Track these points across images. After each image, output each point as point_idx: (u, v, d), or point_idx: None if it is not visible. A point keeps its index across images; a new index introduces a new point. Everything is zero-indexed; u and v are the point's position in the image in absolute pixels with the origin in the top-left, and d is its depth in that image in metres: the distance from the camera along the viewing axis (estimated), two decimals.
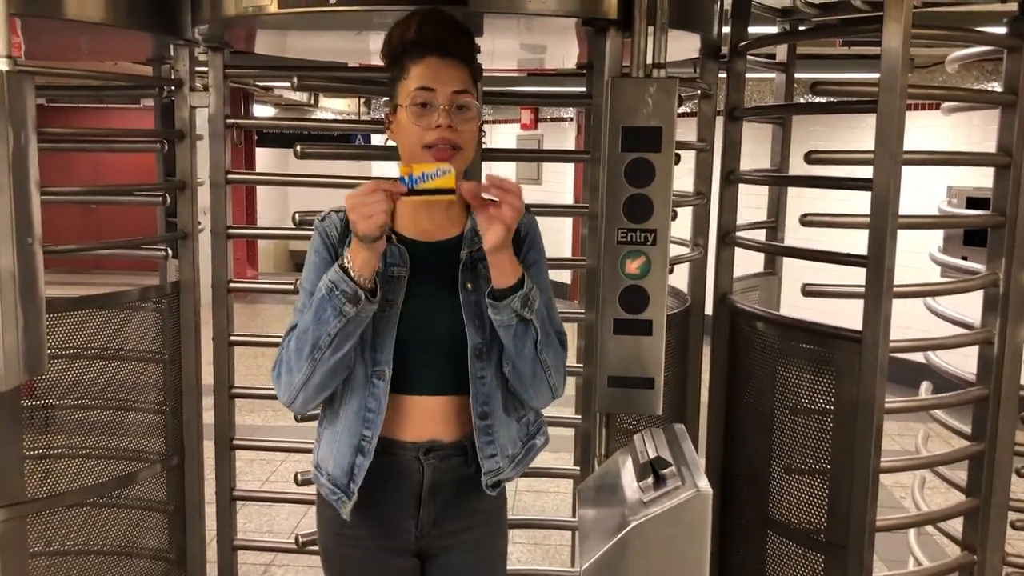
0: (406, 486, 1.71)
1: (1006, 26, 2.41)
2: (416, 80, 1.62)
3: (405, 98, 1.63)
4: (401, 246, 1.68)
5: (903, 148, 2.13)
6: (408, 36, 1.66)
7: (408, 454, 1.70)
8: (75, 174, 9.88)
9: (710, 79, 2.71)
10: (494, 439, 1.71)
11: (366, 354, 1.67)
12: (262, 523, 4.41)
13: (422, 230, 1.72)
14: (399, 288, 1.66)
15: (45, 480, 2.49)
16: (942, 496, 3.77)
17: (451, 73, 1.63)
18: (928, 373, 2.81)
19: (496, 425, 1.72)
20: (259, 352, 7.63)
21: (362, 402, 1.67)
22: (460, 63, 1.66)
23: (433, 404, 1.70)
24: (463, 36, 1.70)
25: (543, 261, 1.79)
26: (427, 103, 1.61)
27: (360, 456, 1.68)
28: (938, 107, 5.88)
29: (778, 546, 2.53)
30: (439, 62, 1.63)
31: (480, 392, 1.69)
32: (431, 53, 1.63)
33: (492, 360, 1.70)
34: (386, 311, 1.65)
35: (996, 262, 2.42)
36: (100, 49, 3.17)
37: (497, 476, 1.73)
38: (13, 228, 2.08)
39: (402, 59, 1.66)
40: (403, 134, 1.65)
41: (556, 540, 4.16)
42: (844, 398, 2.27)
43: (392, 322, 1.66)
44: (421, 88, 1.61)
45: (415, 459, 1.70)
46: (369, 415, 1.67)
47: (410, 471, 1.71)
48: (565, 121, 10.83)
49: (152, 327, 2.76)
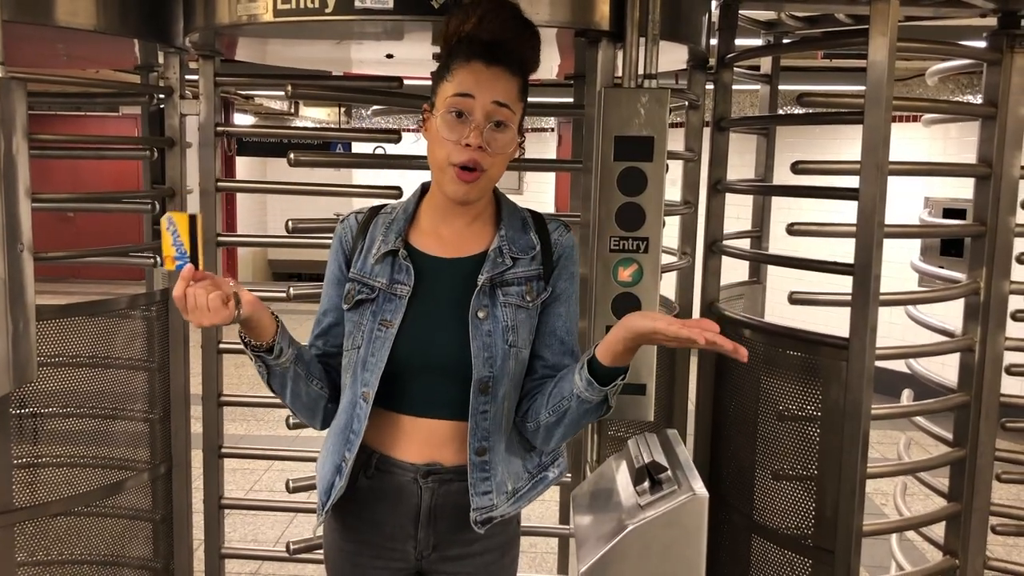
0: (404, 507, 1.65)
1: (986, 40, 2.47)
2: (456, 85, 1.52)
3: (442, 103, 1.54)
4: (409, 264, 1.60)
5: (888, 159, 2.18)
6: (465, 28, 1.56)
7: (407, 475, 1.63)
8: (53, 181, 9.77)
9: (698, 90, 2.74)
10: (490, 476, 1.61)
11: (357, 372, 1.61)
12: (247, 532, 4.39)
13: (443, 245, 1.64)
14: (398, 308, 1.58)
15: (32, 489, 2.47)
16: (922, 502, 3.82)
17: (495, 83, 1.52)
18: (907, 381, 2.86)
19: (495, 461, 1.61)
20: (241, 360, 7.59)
21: (348, 421, 1.63)
22: (510, 73, 1.54)
23: (435, 427, 1.62)
24: (524, 38, 1.60)
25: (576, 293, 1.68)
26: (463, 112, 1.51)
27: (338, 477, 1.63)
28: (917, 119, 5.98)
29: (764, 551, 2.56)
30: (486, 68, 1.52)
31: (480, 427, 1.59)
32: (479, 58, 1.52)
33: (498, 395, 1.59)
34: (382, 331, 1.58)
35: (977, 271, 2.47)
36: (83, 56, 3.15)
37: (488, 513, 1.62)
38: (3, 235, 2.07)
39: (450, 55, 1.56)
40: (434, 142, 1.56)
41: (543, 548, 4.17)
42: (830, 405, 2.30)
43: (386, 343, 1.57)
44: (459, 95, 1.51)
45: (413, 481, 1.63)
46: (352, 436, 1.62)
47: (408, 492, 1.64)
48: (546, 132, 10.92)
49: (140, 335, 2.74)
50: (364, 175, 9.85)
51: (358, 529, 1.69)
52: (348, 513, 1.69)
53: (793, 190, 2.69)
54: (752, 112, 7.79)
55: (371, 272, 1.62)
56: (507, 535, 1.73)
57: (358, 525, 1.69)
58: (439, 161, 1.55)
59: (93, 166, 10.41)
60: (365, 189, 2.60)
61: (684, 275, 2.82)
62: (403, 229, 1.64)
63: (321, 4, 2.10)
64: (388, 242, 1.62)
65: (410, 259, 1.61)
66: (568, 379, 1.56)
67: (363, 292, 1.62)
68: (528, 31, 1.61)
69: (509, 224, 1.66)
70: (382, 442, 1.65)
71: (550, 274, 1.64)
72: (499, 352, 1.57)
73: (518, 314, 1.60)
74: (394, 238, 1.63)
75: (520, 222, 1.68)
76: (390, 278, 1.60)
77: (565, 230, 1.70)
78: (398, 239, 1.62)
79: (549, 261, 1.64)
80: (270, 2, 2.15)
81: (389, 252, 1.61)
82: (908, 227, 2.51)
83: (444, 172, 1.54)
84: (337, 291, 1.68)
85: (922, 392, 2.70)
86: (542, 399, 1.61)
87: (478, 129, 1.51)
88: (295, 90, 2.44)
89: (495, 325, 1.58)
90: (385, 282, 1.59)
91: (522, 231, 1.66)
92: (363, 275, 1.63)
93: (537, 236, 1.66)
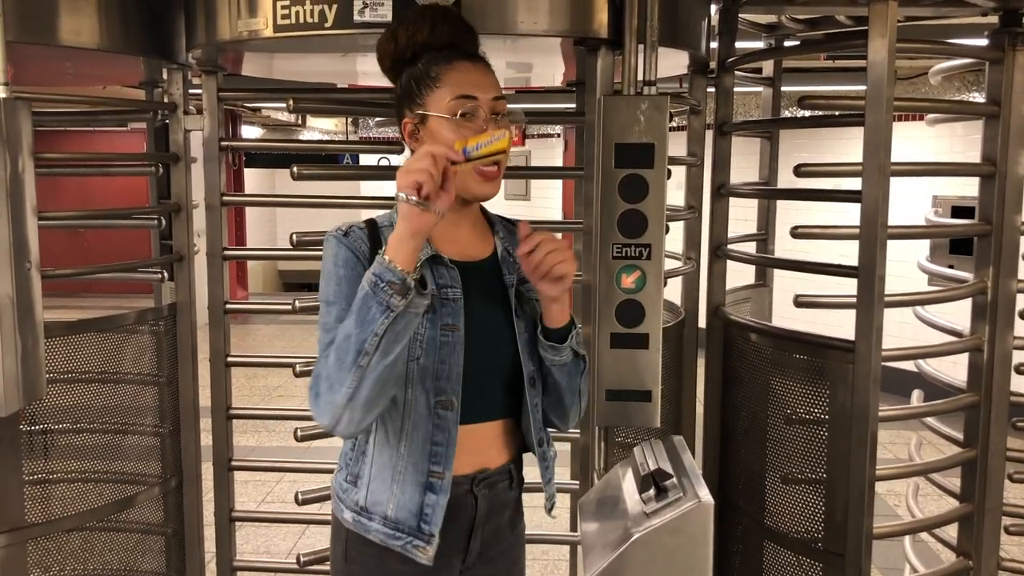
0: (459, 522, 1.60)
1: (987, 38, 2.46)
2: (454, 88, 1.51)
3: (441, 107, 1.51)
4: (455, 269, 1.57)
5: (891, 159, 2.17)
6: (421, 37, 1.56)
7: (461, 488, 1.59)
8: (62, 199, 9.86)
9: (699, 95, 2.74)
10: (549, 464, 1.70)
11: (427, 382, 1.53)
12: (259, 544, 4.40)
13: (460, 250, 1.61)
14: (458, 311, 1.55)
15: (44, 505, 2.48)
16: (935, 503, 3.81)
17: (488, 79, 1.55)
18: (917, 381, 2.84)
19: (548, 449, 1.71)
20: (251, 372, 7.67)
21: (427, 435, 1.54)
22: (488, 67, 1.57)
23: (484, 431, 1.62)
24: (475, 36, 1.62)
25: None
26: (468, 113, 1.51)
27: (431, 494, 1.54)
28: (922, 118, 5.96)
29: (775, 555, 2.55)
30: (472, 67, 1.54)
31: (536, 420, 1.64)
32: (459, 57, 1.54)
33: (539, 388, 1.66)
34: (449, 336, 1.53)
35: (984, 270, 2.46)
36: (89, 74, 3.19)
37: (553, 500, 1.73)
38: (11, 254, 2.09)
39: (424, 64, 1.55)
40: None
41: (555, 555, 4.17)
42: (838, 407, 2.29)
43: (458, 348, 1.54)
44: (461, 96, 1.51)
45: (468, 492, 1.60)
46: (437, 448, 1.54)
47: (463, 506, 1.60)
48: (552, 137, 10.90)
49: (149, 350, 2.76)
50: (369, 186, 9.87)
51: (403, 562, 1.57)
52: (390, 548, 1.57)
53: (796, 193, 2.69)
54: (756, 114, 7.78)
55: None
56: (522, 526, 1.80)
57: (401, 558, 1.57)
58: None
59: (102, 181, 10.48)
60: (372, 200, 2.61)
61: (689, 280, 2.82)
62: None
63: (321, 18, 2.12)
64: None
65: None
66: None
67: None
68: (472, 31, 1.63)
69: (501, 227, 1.72)
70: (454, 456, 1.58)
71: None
72: (533, 346, 1.63)
73: (535, 308, 1.65)
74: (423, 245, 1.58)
75: (503, 225, 1.74)
76: (434, 282, 1.53)
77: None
78: (429, 246, 1.55)
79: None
80: (270, 17, 2.16)
81: (431, 258, 1.55)
82: (913, 228, 2.50)
83: (466, 176, 1.50)
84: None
85: (933, 392, 2.69)
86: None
87: (490, 121, 1.52)
88: (297, 104, 2.46)
89: (526, 321, 1.64)
90: (433, 288, 1.50)
91: (509, 233, 1.71)
92: None
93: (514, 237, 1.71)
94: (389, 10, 2.08)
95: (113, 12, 2.40)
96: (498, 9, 2.16)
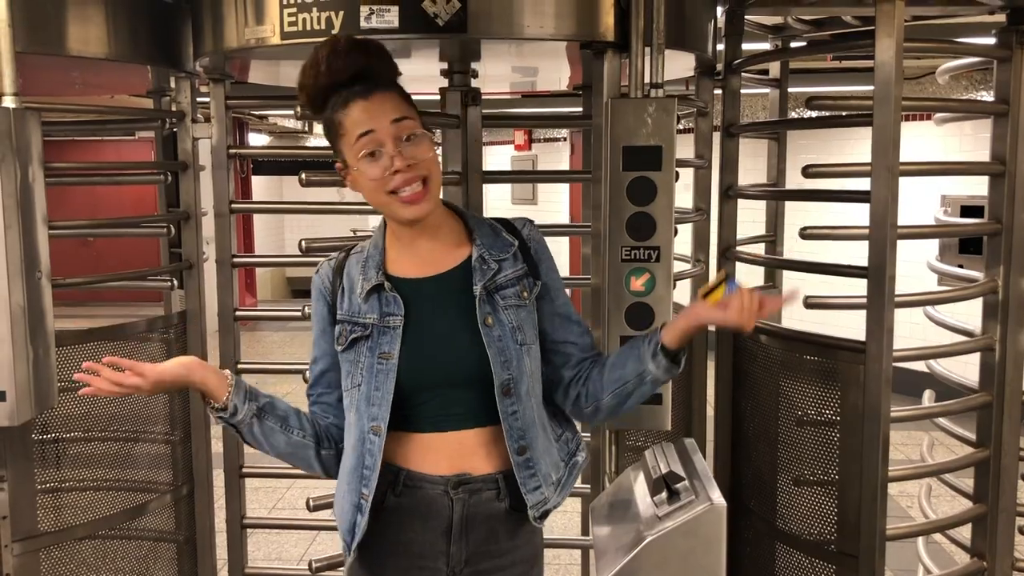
0: (435, 522, 1.64)
1: (995, 37, 2.45)
2: (353, 129, 1.55)
3: (352, 154, 1.56)
4: (395, 295, 1.62)
5: (899, 159, 2.17)
6: (321, 80, 1.58)
7: (437, 488, 1.63)
8: (71, 208, 9.87)
9: (706, 97, 2.74)
10: (536, 471, 1.65)
11: (362, 408, 1.61)
12: (271, 551, 4.40)
13: (421, 265, 1.66)
14: (394, 338, 1.60)
15: (56, 513, 2.49)
16: (948, 504, 3.78)
17: (383, 107, 1.55)
18: (928, 382, 2.83)
19: (536, 456, 1.65)
20: (260, 380, 7.67)
21: (359, 459, 1.62)
22: (385, 91, 1.58)
23: (462, 437, 1.64)
24: (370, 56, 1.60)
25: (560, 277, 1.76)
26: (374, 151, 1.54)
27: (359, 515, 1.62)
28: (930, 118, 5.95)
29: (787, 557, 2.54)
30: (366, 102, 1.55)
31: (513, 428, 1.62)
32: (354, 98, 1.55)
33: (521, 394, 1.63)
34: (383, 364, 1.59)
35: (994, 269, 2.44)
36: (97, 83, 3.20)
37: (544, 507, 1.67)
38: (22, 263, 2.10)
39: (329, 113, 1.59)
40: (366, 189, 1.59)
41: (566, 559, 4.16)
42: (849, 408, 2.29)
43: (389, 375, 1.59)
44: (361, 136, 1.54)
45: (444, 493, 1.63)
46: (366, 472, 1.61)
47: (439, 506, 1.63)
48: (559, 141, 10.90)
49: (159, 357, 2.76)
50: None
51: (386, 556, 1.67)
52: (375, 543, 1.66)
53: (804, 194, 2.68)
54: (763, 115, 7.77)
55: (359, 310, 1.64)
56: (533, 546, 1.75)
57: (386, 551, 1.67)
58: (381, 201, 1.58)
59: (111, 190, 10.49)
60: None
61: (698, 282, 2.81)
62: (380, 263, 1.66)
63: (327, 25, 2.12)
64: (370, 278, 1.64)
65: (395, 289, 1.63)
66: (626, 366, 1.66)
67: (356, 330, 1.63)
68: (367, 49, 1.61)
69: (480, 233, 1.70)
70: (409, 459, 1.65)
71: (535, 268, 1.70)
72: (513, 354, 1.62)
73: (520, 313, 1.65)
74: (375, 273, 1.64)
75: (489, 228, 1.72)
76: (380, 312, 1.61)
77: (531, 224, 1.75)
78: (379, 273, 1.64)
79: (529, 257, 1.69)
80: (277, 25, 2.17)
81: (374, 288, 1.63)
82: (922, 228, 2.49)
83: (391, 206, 1.58)
84: (326, 338, 1.70)
85: (945, 392, 2.68)
86: (598, 384, 1.69)
87: (394, 153, 1.54)
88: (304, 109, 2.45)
89: (503, 329, 1.62)
90: (376, 317, 1.60)
91: (494, 235, 1.70)
92: (352, 315, 1.65)
93: (510, 236, 1.71)
94: (396, 16, 2.08)
95: (121, 21, 2.41)
96: (504, 13, 2.17)
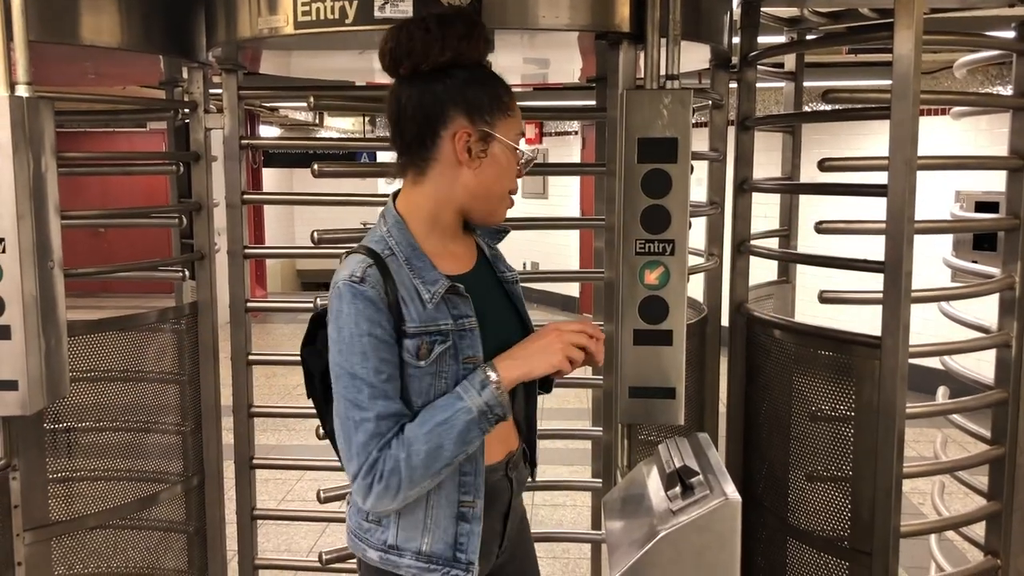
0: (498, 507, 1.64)
1: (1015, 30, 2.42)
2: (517, 120, 1.55)
3: (511, 137, 1.53)
4: (467, 296, 1.52)
5: (917, 153, 2.14)
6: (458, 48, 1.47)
7: (498, 474, 1.62)
8: (84, 198, 9.94)
9: (721, 89, 2.72)
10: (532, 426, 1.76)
11: None
12: (280, 542, 4.41)
13: (458, 263, 1.60)
14: (476, 340, 1.51)
15: (68, 503, 2.50)
16: (961, 501, 3.76)
17: None
18: (942, 378, 2.80)
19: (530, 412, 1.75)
20: (270, 371, 7.70)
21: (455, 467, 1.51)
22: None
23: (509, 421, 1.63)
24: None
25: None
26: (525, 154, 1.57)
27: (464, 523, 1.54)
28: (946, 112, 5.90)
29: (800, 554, 2.52)
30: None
31: (534, 395, 1.73)
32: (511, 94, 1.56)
33: None
34: (471, 367, 1.50)
35: (1011, 265, 2.42)
36: (109, 73, 3.20)
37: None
38: (35, 253, 2.10)
39: (490, 83, 1.52)
40: (501, 174, 1.53)
41: (575, 553, 4.15)
42: (864, 404, 2.27)
43: None
44: (519, 134, 1.56)
45: (504, 477, 1.64)
46: (466, 479, 1.54)
47: (501, 489, 1.64)
48: (570, 135, 10.87)
49: (171, 348, 2.77)
50: (387, 185, 9.88)
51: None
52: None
53: (820, 188, 2.65)
54: (777, 109, 7.72)
55: (433, 318, 1.49)
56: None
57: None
58: (500, 192, 1.56)
59: (123, 181, 10.56)
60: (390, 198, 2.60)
61: (712, 276, 2.79)
62: (431, 264, 1.53)
63: (341, 15, 2.11)
64: (436, 282, 1.51)
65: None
66: None
67: (438, 339, 1.48)
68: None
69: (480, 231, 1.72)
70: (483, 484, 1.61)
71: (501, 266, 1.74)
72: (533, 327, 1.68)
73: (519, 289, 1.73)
74: (436, 275, 1.52)
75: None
76: (450, 315, 1.50)
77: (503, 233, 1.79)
78: (439, 275, 1.52)
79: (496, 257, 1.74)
80: (291, 14, 2.16)
81: (448, 291, 1.51)
82: (940, 222, 2.47)
83: (503, 201, 1.58)
84: (391, 351, 1.47)
85: (960, 389, 2.65)
86: None
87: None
88: (318, 101, 2.45)
89: (527, 311, 1.69)
90: (451, 323, 1.50)
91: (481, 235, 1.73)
92: (427, 325, 1.48)
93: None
94: (410, 5, 2.07)
95: (134, 11, 2.41)
96: (519, 4, 2.15)
